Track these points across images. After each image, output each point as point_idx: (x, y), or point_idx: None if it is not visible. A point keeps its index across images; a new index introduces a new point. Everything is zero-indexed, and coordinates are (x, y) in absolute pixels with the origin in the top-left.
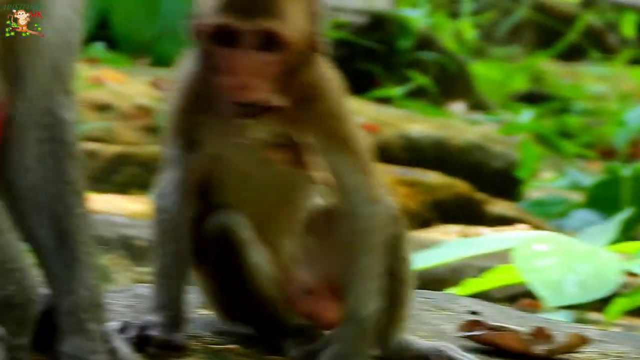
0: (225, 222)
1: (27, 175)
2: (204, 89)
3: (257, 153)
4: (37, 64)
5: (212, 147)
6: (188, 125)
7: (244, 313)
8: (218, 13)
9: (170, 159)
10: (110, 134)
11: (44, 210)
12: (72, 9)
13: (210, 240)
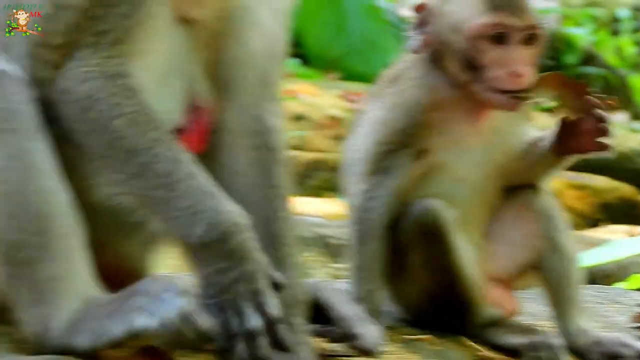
0: (430, 205)
1: (237, 179)
2: (440, 100)
3: (478, 158)
4: (246, 75)
5: (438, 154)
6: (422, 137)
7: (442, 297)
8: (488, 14)
9: (390, 166)
10: (305, 142)
11: (252, 212)
12: (278, 23)
13: (414, 223)
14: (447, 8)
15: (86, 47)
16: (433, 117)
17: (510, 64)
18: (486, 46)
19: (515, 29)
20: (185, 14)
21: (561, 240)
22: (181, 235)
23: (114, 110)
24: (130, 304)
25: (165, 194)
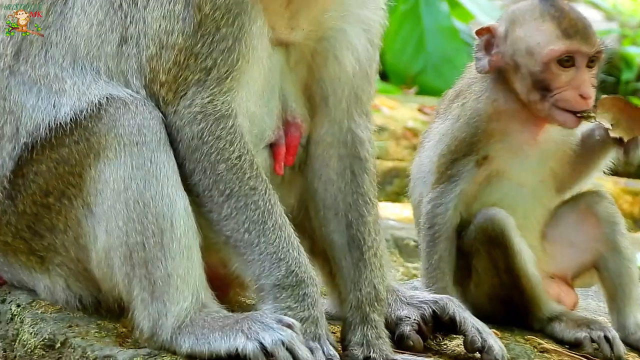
0: (493, 214)
1: (328, 187)
2: (502, 112)
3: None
4: (339, 91)
5: (498, 162)
6: (485, 145)
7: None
8: (562, 41)
9: (455, 174)
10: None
11: (341, 217)
12: (371, 44)
13: (479, 231)
14: (518, 33)
15: (193, 84)
16: (494, 127)
17: (579, 86)
18: (557, 70)
19: (584, 54)
20: (282, 37)
21: (622, 243)
22: (260, 275)
23: (218, 155)
24: (241, 326)
25: (254, 238)
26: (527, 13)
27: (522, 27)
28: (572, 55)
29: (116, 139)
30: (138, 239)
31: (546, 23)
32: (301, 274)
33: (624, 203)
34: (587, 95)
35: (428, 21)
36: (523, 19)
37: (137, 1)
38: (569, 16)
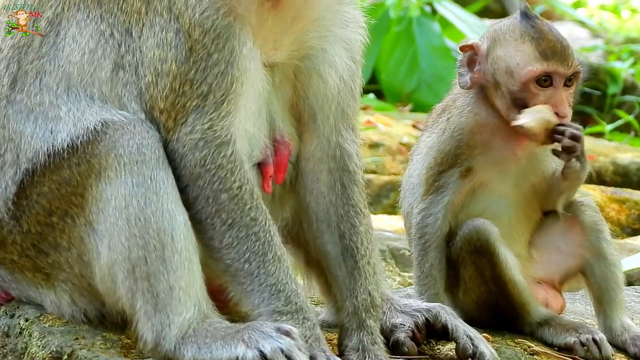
0: (477, 225)
1: (320, 200)
2: (484, 125)
3: (517, 178)
4: (325, 108)
5: (482, 174)
6: (468, 157)
7: (494, 302)
8: (540, 63)
9: (442, 185)
10: (380, 167)
11: (334, 228)
12: (353, 61)
13: (465, 241)
14: (498, 52)
15: (192, 111)
16: (476, 140)
17: (556, 105)
18: (535, 89)
19: (561, 74)
20: (267, 58)
21: (606, 250)
22: (260, 304)
23: (220, 184)
24: (241, 335)
25: (254, 269)
26: (507, 33)
27: (502, 46)
28: (550, 76)
29: (116, 159)
30: (140, 254)
31: (525, 44)
32: (300, 303)
33: (611, 211)
34: (563, 114)
35: (421, 41)
36: (504, 38)
37: (131, 31)
38: (547, 37)
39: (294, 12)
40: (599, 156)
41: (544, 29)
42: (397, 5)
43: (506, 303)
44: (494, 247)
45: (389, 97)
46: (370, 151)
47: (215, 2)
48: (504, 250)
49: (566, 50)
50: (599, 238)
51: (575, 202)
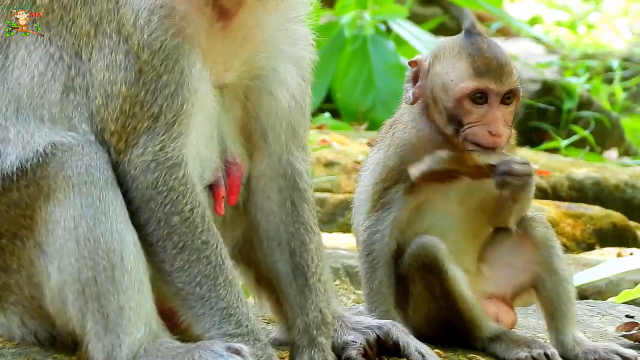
0: (425, 242)
1: (270, 218)
2: (427, 141)
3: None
4: (276, 127)
5: (427, 190)
6: (405, 171)
7: (444, 318)
8: (472, 79)
9: (387, 202)
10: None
11: (284, 246)
12: (303, 79)
13: (413, 258)
14: (437, 69)
15: (144, 132)
16: (420, 156)
17: (489, 123)
18: (469, 106)
19: (494, 92)
20: (217, 79)
21: (558, 265)
22: (211, 328)
23: (172, 206)
24: (192, 355)
25: (205, 293)
26: (448, 49)
27: (441, 62)
28: (484, 93)
29: (65, 181)
30: (90, 275)
31: (461, 61)
32: (251, 326)
33: (566, 226)
34: (495, 132)
35: (376, 60)
36: (443, 54)
37: (80, 54)
38: (484, 55)
39: (245, 33)
40: (555, 172)
41: (482, 46)
42: (352, 23)
43: (457, 319)
44: (442, 264)
45: (344, 116)
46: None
47: (163, 23)
48: (453, 267)
49: (502, 67)
50: (550, 254)
51: (526, 217)
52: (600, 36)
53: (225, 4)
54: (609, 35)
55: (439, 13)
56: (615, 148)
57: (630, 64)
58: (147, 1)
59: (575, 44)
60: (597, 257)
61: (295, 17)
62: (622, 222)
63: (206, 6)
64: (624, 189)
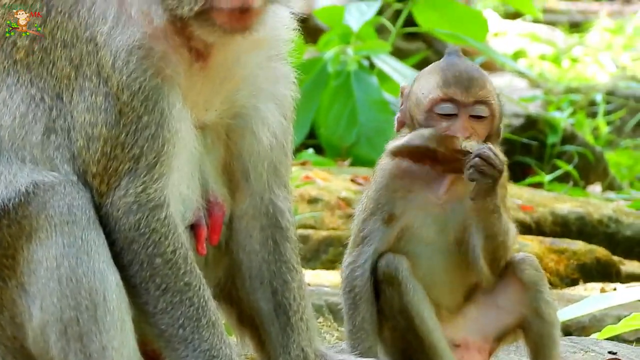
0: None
1: (252, 257)
2: (405, 169)
3: (442, 224)
4: (258, 166)
5: (406, 219)
6: (388, 201)
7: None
8: (440, 89)
9: (367, 235)
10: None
11: (266, 285)
12: (285, 117)
13: (380, 273)
14: (413, 87)
15: (125, 174)
16: (397, 184)
17: (455, 131)
18: (438, 118)
19: (461, 102)
20: (198, 119)
21: (545, 309)
22: None
23: (155, 248)
24: None
25: (188, 334)
26: (426, 70)
27: (418, 81)
28: (452, 104)
29: (47, 220)
30: (72, 314)
31: (433, 75)
32: None
33: (550, 262)
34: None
35: (359, 95)
36: (421, 75)
37: (61, 95)
38: (455, 68)
39: (224, 72)
40: (538, 207)
41: (456, 61)
42: (335, 59)
43: (416, 343)
44: (401, 277)
45: (328, 152)
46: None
47: (142, 64)
48: (414, 283)
49: (471, 79)
50: (537, 298)
51: (515, 259)
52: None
53: (196, 45)
54: (593, 68)
55: (423, 48)
56: (599, 182)
57: (613, 98)
58: (125, 42)
59: (559, 77)
60: (580, 292)
61: (276, 55)
62: (606, 257)
63: (182, 47)
64: (608, 223)
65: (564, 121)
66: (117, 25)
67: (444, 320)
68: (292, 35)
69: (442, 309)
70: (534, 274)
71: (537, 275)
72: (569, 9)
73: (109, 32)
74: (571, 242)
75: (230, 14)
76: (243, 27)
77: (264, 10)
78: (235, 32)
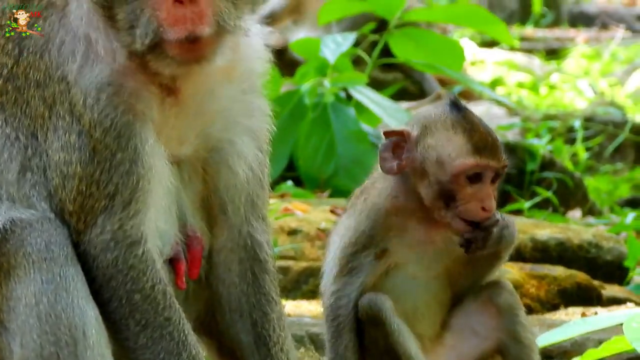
0: (373, 296)
1: (232, 290)
2: (401, 209)
3: (432, 260)
4: (235, 199)
5: (396, 256)
6: (382, 239)
7: None
8: (472, 157)
9: (355, 267)
10: (299, 253)
11: (246, 317)
12: (260, 150)
13: (363, 312)
14: (429, 142)
15: (101, 212)
16: (392, 222)
17: (483, 199)
18: (464, 182)
19: (492, 169)
20: (173, 153)
21: (521, 333)
22: None
23: (133, 284)
24: None
25: None
26: (439, 122)
27: (433, 135)
28: (480, 171)
29: (25, 258)
30: (52, 350)
31: (458, 135)
32: None
33: (530, 287)
34: (489, 208)
35: (337, 127)
36: (435, 127)
37: (36, 135)
38: (479, 130)
39: (197, 106)
40: (518, 233)
41: (475, 120)
42: (312, 91)
43: None
44: (385, 317)
45: (307, 184)
46: (289, 238)
47: (112, 101)
48: (398, 322)
49: (496, 143)
50: (513, 321)
51: (490, 283)
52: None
53: (163, 80)
54: (570, 95)
55: (400, 78)
56: (579, 208)
57: (592, 124)
58: (95, 80)
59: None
60: (562, 317)
61: (249, 88)
62: (587, 281)
63: (150, 83)
64: (588, 248)
65: (543, 148)
66: (86, 63)
67: (426, 350)
68: (266, 68)
69: (425, 340)
70: (509, 298)
71: (513, 299)
72: (545, 36)
73: (78, 70)
74: (551, 267)
75: (180, 45)
76: (196, 58)
77: (217, 39)
78: (189, 62)
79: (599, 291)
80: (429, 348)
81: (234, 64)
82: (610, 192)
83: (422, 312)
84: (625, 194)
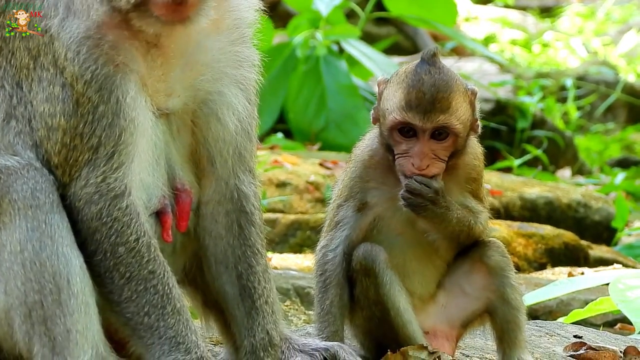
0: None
1: (218, 242)
2: (379, 161)
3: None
4: (223, 151)
5: (378, 209)
6: (362, 190)
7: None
8: (399, 112)
9: (340, 220)
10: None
11: (231, 269)
12: (249, 101)
13: (357, 261)
14: (385, 94)
15: (85, 165)
16: (370, 174)
17: (413, 156)
18: (398, 137)
19: (419, 128)
20: (161, 106)
21: (510, 294)
22: (160, 357)
23: (117, 237)
24: None
25: (154, 322)
26: (398, 74)
27: (388, 87)
28: (406, 127)
29: (10, 204)
30: (36, 298)
31: (399, 91)
32: (200, 353)
33: (518, 246)
34: (418, 166)
35: (328, 80)
36: (392, 80)
37: (21, 85)
38: (420, 88)
39: (185, 58)
40: (507, 191)
41: (424, 77)
42: (304, 44)
43: (391, 334)
44: (378, 269)
45: (297, 136)
46: (278, 190)
47: (92, 53)
48: (390, 275)
49: (433, 103)
50: (503, 282)
51: (482, 243)
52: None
53: (148, 39)
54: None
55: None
56: (569, 167)
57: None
58: (75, 33)
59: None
60: (548, 276)
61: (238, 38)
62: (574, 241)
63: (132, 37)
64: (576, 208)
65: (534, 106)
66: (67, 16)
67: (416, 308)
68: (256, 17)
69: (415, 298)
70: (500, 260)
71: (504, 260)
72: None
73: (60, 23)
74: (539, 226)
75: (167, 5)
76: (181, 18)
77: (202, 1)
78: (174, 23)
79: (587, 251)
80: (420, 306)
81: (223, 14)
82: (601, 151)
83: (412, 269)
84: (615, 154)
